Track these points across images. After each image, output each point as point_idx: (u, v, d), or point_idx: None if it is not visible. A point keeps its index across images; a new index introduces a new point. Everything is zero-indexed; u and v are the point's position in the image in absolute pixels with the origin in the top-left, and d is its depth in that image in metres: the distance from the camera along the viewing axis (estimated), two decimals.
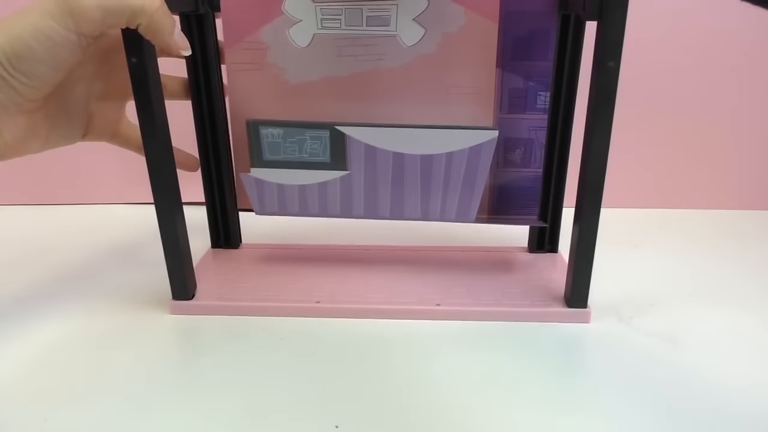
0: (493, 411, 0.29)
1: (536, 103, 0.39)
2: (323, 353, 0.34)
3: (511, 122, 0.39)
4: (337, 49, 0.38)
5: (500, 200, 0.41)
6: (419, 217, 0.40)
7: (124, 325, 0.37)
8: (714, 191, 0.59)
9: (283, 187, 0.40)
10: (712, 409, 0.29)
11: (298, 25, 0.38)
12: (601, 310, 0.38)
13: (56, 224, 0.56)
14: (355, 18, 0.37)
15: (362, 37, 0.38)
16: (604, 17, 0.30)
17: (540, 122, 0.39)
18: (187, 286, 0.38)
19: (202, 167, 0.43)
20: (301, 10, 0.37)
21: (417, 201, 0.40)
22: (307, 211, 0.41)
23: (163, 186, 0.34)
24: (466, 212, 0.40)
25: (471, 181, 0.38)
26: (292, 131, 0.38)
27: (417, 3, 0.37)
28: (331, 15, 0.37)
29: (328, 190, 0.39)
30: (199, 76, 0.40)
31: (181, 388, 0.31)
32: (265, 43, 0.38)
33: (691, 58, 0.54)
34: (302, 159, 0.38)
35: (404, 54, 0.38)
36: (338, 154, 0.38)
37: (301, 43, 0.38)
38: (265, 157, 0.39)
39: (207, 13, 0.38)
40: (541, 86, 0.38)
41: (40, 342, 0.35)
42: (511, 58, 0.38)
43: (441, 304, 0.38)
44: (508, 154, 0.40)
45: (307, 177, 0.39)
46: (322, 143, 0.38)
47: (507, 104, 0.39)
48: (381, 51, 0.38)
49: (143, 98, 0.32)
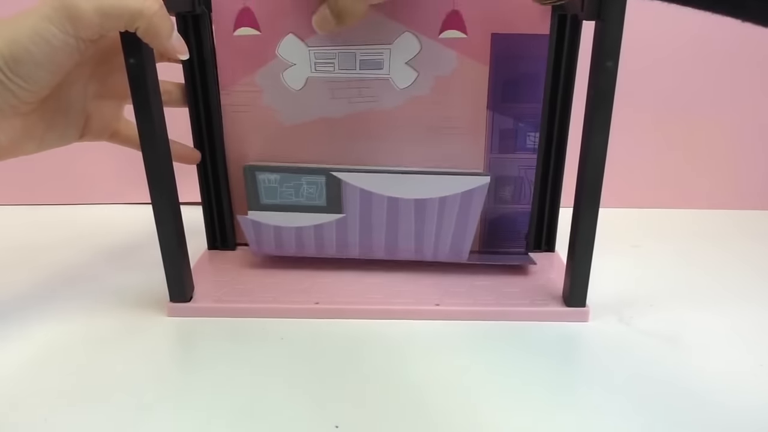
0: (492, 410, 0.29)
1: (526, 144, 0.40)
2: (323, 354, 0.34)
3: (501, 161, 0.41)
4: (331, 92, 0.39)
5: (490, 235, 0.43)
6: (413, 257, 0.41)
7: (122, 328, 0.37)
8: (714, 191, 0.59)
9: (280, 228, 0.40)
10: (711, 409, 0.29)
11: (292, 68, 0.39)
12: (601, 309, 0.38)
13: (53, 225, 0.56)
14: (348, 62, 0.38)
15: (356, 80, 0.39)
16: (603, 17, 0.30)
17: (530, 162, 0.41)
18: (185, 289, 0.38)
19: (198, 168, 0.43)
20: (294, 54, 0.38)
21: (411, 242, 0.41)
22: (303, 251, 0.42)
23: (161, 189, 0.34)
24: (459, 252, 0.41)
25: (463, 224, 0.39)
26: (289, 176, 0.39)
27: (410, 47, 0.38)
28: (324, 59, 0.38)
29: (324, 232, 0.40)
30: (195, 75, 0.40)
31: (180, 391, 0.31)
32: (260, 85, 0.39)
33: (690, 58, 0.54)
34: (299, 203, 0.39)
35: (397, 96, 0.39)
36: (334, 198, 0.39)
37: (295, 86, 0.39)
38: (262, 201, 0.40)
39: (203, 13, 0.38)
40: (531, 127, 0.40)
41: (38, 344, 0.35)
42: (502, 100, 0.39)
43: (440, 305, 0.38)
44: (499, 192, 0.42)
45: (304, 220, 0.40)
46: (318, 188, 0.39)
47: (498, 144, 0.40)
48: (374, 93, 0.39)
49: (141, 100, 0.32)
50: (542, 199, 0.44)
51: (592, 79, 0.32)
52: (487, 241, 0.44)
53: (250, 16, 0.38)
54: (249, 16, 0.38)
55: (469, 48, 0.38)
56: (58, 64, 0.30)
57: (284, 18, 0.38)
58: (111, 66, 0.36)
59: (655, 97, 0.56)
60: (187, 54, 0.33)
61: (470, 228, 0.39)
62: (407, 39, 0.38)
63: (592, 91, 0.32)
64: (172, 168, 0.35)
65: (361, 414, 0.29)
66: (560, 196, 0.44)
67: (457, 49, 0.38)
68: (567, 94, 0.41)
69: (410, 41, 0.38)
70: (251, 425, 0.28)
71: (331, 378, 0.32)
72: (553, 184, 0.44)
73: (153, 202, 0.35)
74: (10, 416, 0.29)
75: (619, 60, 0.31)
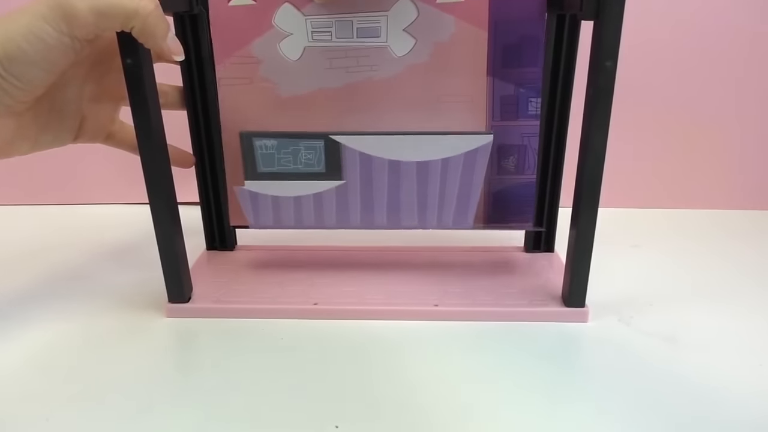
0: (491, 411, 0.29)
1: (528, 110, 0.39)
2: (322, 354, 0.34)
3: (503, 129, 0.40)
4: (329, 61, 0.38)
5: (495, 207, 0.42)
6: (416, 225, 0.41)
7: (122, 328, 0.37)
8: (714, 191, 0.59)
9: (278, 199, 0.40)
10: (711, 409, 0.29)
11: (289, 38, 0.38)
12: (601, 309, 0.38)
13: (51, 225, 0.56)
14: (345, 30, 0.38)
15: (353, 49, 0.38)
16: (602, 16, 0.30)
17: (532, 129, 0.40)
18: (183, 289, 0.38)
19: (196, 168, 0.43)
20: (291, 23, 0.38)
21: (414, 208, 0.40)
22: (302, 223, 0.41)
23: (159, 190, 0.34)
24: (464, 218, 0.40)
25: (467, 187, 0.39)
26: (286, 142, 0.38)
27: (407, 13, 0.37)
28: (321, 28, 0.38)
29: (324, 200, 0.40)
30: (193, 75, 0.40)
31: (179, 392, 0.31)
32: (257, 57, 0.39)
33: (690, 57, 0.54)
34: (297, 170, 0.39)
35: (396, 64, 0.38)
36: (333, 164, 0.38)
37: (292, 56, 0.38)
38: (260, 169, 0.39)
39: (201, 13, 0.38)
40: (532, 92, 0.39)
41: (36, 345, 0.35)
42: (502, 65, 0.38)
43: (439, 305, 0.38)
44: (502, 161, 0.41)
45: (303, 188, 0.39)
46: (316, 153, 0.38)
47: (499, 111, 0.39)
48: (372, 62, 0.38)
49: (139, 101, 0.32)
50: (544, 171, 0.43)
51: (591, 79, 0.32)
52: (491, 215, 0.42)
53: None
54: None
55: (467, 12, 0.37)
56: (53, 63, 0.30)
57: None
58: (107, 67, 0.36)
59: (655, 96, 0.56)
60: (183, 55, 0.33)
61: (474, 191, 0.39)
62: (404, 5, 0.37)
63: (591, 91, 0.32)
64: (170, 169, 0.35)
65: (361, 414, 0.29)
66: (563, 167, 0.43)
67: (455, 13, 0.37)
68: (565, 95, 0.41)
69: (407, 7, 0.37)
70: (250, 426, 0.28)
71: (330, 378, 0.32)
72: (551, 189, 0.43)
73: (151, 203, 0.35)
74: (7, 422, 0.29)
75: (618, 59, 0.31)
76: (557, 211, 0.44)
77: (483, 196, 0.40)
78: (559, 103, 0.41)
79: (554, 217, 0.45)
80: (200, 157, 0.43)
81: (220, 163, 0.43)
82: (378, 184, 0.39)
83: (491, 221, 0.42)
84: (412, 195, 0.39)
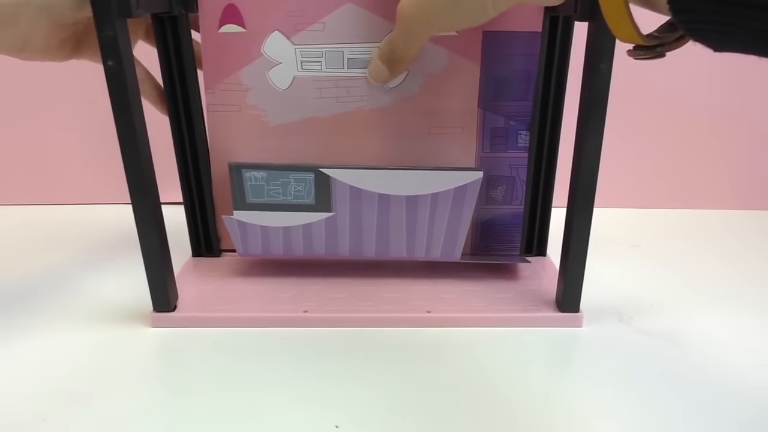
0: (486, 416, 0.30)
1: (517, 142, 0.41)
2: (317, 360, 0.35)
3: (492, 160, 0.41)
4: (318, 91, 0.39)
5: (483, 236, 0.44)
6: (404, 256, 0.42)
7: (106, 340, 0.37)
8: (714, 191, 0.60)
9: (266, 228, 0.40)
10: (711, 408, 0.30)
11: (278, 67, 0.39)
12: (600, 310, 0.40)
13: (38, 225, 0.56)
14: (335, 60, 0.39)
15: (344, 79, 0.39)
16: (597, 18, 0.31)
17: (521, 160, 0.41)
18: (169, 298, 0.38)
19: (180, 172, 0.44)
20: (280, 52, 0.39)
21: (402, 241, 0.41)
22: (291, 252, 0.42)
23: (143, 195, 0.34)
24: (452, 251, 0.41)
25: (456, 221, 0.40)
26: (276, 174, 0.39)
27: None
28: (311, 58, 0.39)
29: (313, 231, 0.40)
30: (174, 76, 0.40)
31: (166, 405, 0.31)
32: (245, 84, 0.39)
33: (689, 57, 0.55)
34: (286, 201, 0.39)
35: (386, 95, 0.40)
36: (323, 196, 0.39)
37: (281, 85, 0.39)
38: (249, 200, 0.40)
39: (180, 14, 0.38)
40: (522, 125, 0.40)
41: (23, 356, 0.35)
42: (493, 98, 0.40)
43: (431, 312, 0.39)
44: (491, 192, 0.42)
45: (292, 219, 0.40)
46: (306, 185, 0.39)
47: (489, 143, 0.41)
48: (363, 92, 0.39)
49: (120, 103, 0.32)
50: (534, 201, 0.45)
51: (586, 81, 0.33)
52: (479, 245, 0.44)
53: (235, 13, 0.38)
54: (234, 13, 0.38)
55: (460, 46, 0.38)
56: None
57: (270, 15, 0.38)
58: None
59: (654, 96, 0.56)
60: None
61: (463, 225, 0.40)
62: None
63: (585, 93, 0.33)
64: (153, 173, 0.35)
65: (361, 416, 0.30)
66: (552, 197, 0.44)
67: (447, 46, 0.39)
68: (559, 96, 0.41)
69: None
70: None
71: (327, 388, 0.32)
72: (545, 185, 0.44)
73: (134, 209, 0.35)
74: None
75: (617, 59, 0.31)
76: (550, 211, 0.45)
77: (471, 225, 0.41)
78: (552, 106, 0.42)
79: (546, 218, 0.46)
80: (183, 160, 0.43)
81: (204, 165, 0.43)
82: (367, 217, 0.40)
83: (479, 251, 0.44)
84: (401, 228, 0.40)
